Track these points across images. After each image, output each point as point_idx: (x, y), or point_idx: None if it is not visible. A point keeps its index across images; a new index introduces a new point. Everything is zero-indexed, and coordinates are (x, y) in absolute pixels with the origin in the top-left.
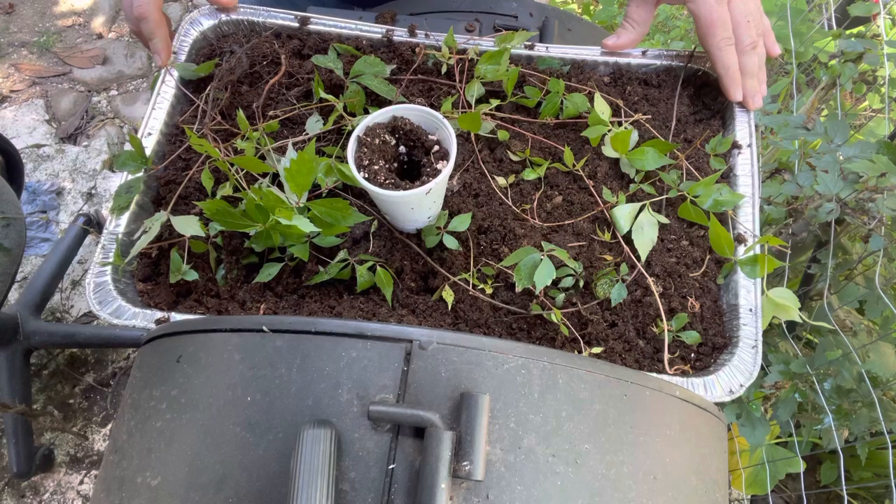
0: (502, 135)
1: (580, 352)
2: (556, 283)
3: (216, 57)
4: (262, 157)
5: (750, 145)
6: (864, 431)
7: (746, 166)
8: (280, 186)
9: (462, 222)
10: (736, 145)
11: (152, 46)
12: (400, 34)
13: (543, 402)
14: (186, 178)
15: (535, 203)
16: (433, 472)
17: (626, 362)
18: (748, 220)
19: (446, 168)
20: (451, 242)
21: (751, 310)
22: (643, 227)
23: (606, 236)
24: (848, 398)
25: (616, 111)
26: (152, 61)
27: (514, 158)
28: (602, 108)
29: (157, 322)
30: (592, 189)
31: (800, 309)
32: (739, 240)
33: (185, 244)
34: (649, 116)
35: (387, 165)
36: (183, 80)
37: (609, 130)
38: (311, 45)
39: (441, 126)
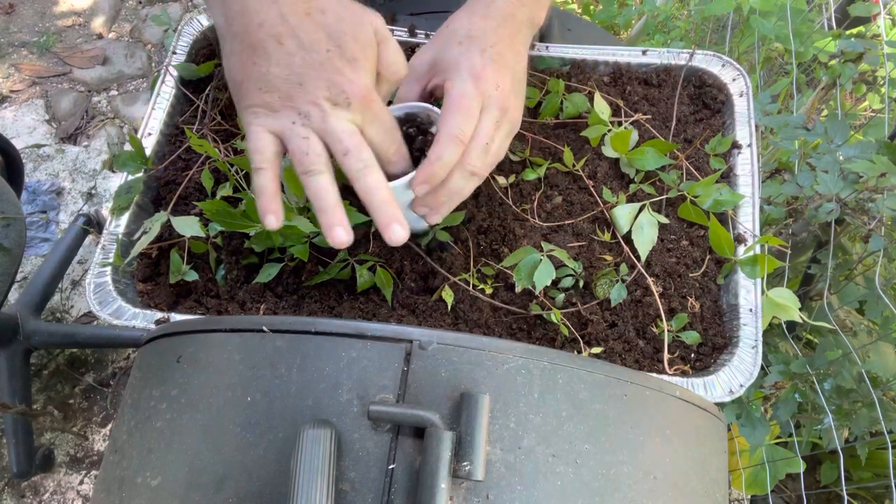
0: None
1: (580, 352)
2: (555, 283)
3: (216, 57)
4: None
5: (750, 145)
6: (864, 431)
7: (746, 166)
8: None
9: (455, 218)
10: (736, 145)
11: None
12: (400, 34)
13: (543, 403)
14: (186, 178)
15: (535, 203)
16: (433, 472)
17: (626, 362)
18: (748, 220)
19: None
20: (443, 236)
21: (751, 310)
22: (643, 227)
23: (606, 236)
24: (848, 398)
25: (616, 111)
26: (152, 61)
27: (514, 158)
28: (602, 108)
29: (157, 322)
30: (592, 189)
31: (800, 309)
32: (739, 240)
33: (185, 244)
34: (649, 116)
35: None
36: (183, 80)
37: (609, 130)
38: None
39: (434, 117)
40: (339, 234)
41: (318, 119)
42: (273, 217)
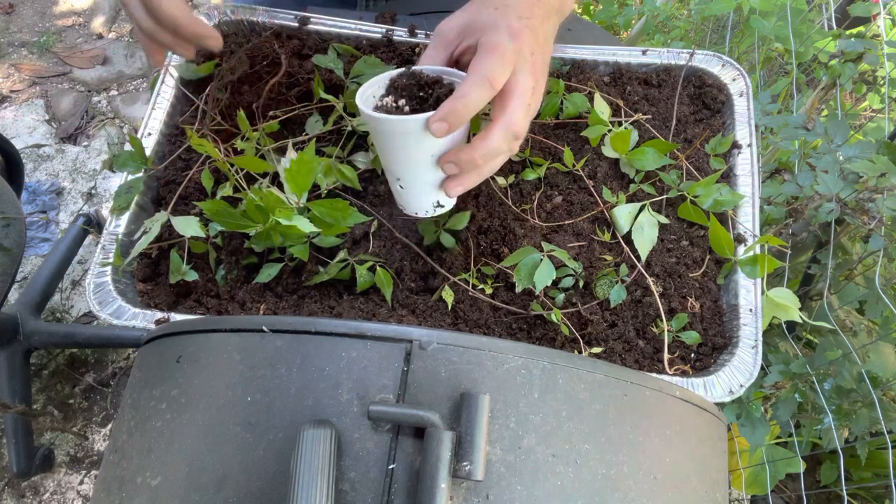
0: None
1: (580, 352)
2: (556, 283)
3: (216, 57)
4: (262, 158)
5: (750, 145)
6: (864, 431)
7: (746, 166)
8: (280, 187)
9: (460, 220)
10: (736, 145)
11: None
12: (400, 34)
13: (543, 402)
14: (186, 178)
15: (535, 203)
16: (433, 472)
17: (626, 362)
18: (748, 220)
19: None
20: (448, 241)
21: (751, 310)
22: (643, 227)
23: (606, 236)
24: (848, 398)
25: (616, 111)
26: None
27: (514, 158)
28: (602, 108)
29: (157, 322)
30: (592, 189)
31: (800, 309)
32: (739, 240)
33: (185, 244)
34: (649, 116)
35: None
36: (183, 80)
37: (609, 130)
38: (311, 45)
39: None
40: None
41: None
42: None
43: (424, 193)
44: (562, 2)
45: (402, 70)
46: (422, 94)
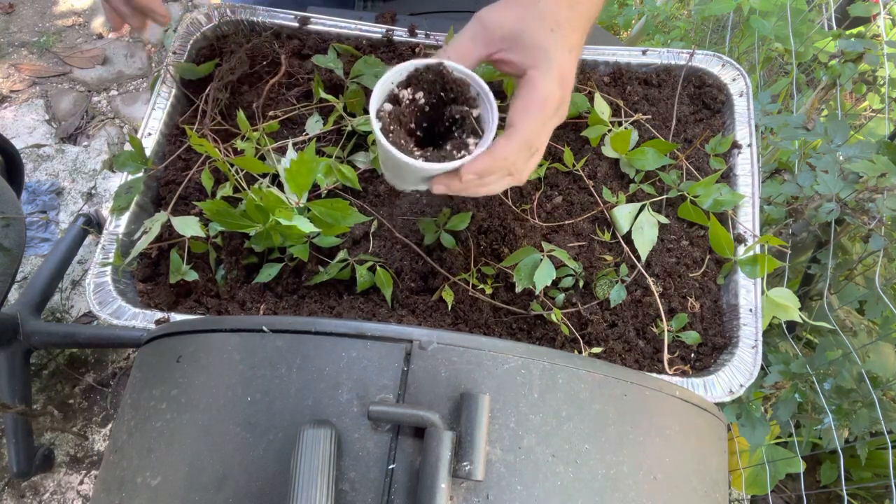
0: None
1: (580, 352)
2: (556, 283)
3: (216, 57)
4: (262, 158)
5: (750, 145)
6: (864, 431)
7: (746, 166)
8: (280, 187)
9: (461, 221)
10: (736, 145)
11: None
12: (400, 34)
13: (543, 402)
14: (186, 178)
15: (535, 203)
16: (433, 472)
17: (626, 362)
18: (748, 220)
19: (479, 148)
20: (448, 241)
21: (751, 310)
22: (643, 227)
23: (606, 236)
24: (848, 398)
25: (616, 111)
26: (152, 61)
27: None
28: (602, 108)
29: (157, 322)
30: (592, 189)
31: (800, 309)
32: (739, 240)
33: (185, 244)
34: (649, 116)
35: (408, 126)
36: (183, 80)
37: (609, 130)
38: (311, 45)
39: (483, 95)
40: None
41: None
42: None
43: (409, 185)
44: (597, 10)
45: (429, 62)
46: (442, 94)
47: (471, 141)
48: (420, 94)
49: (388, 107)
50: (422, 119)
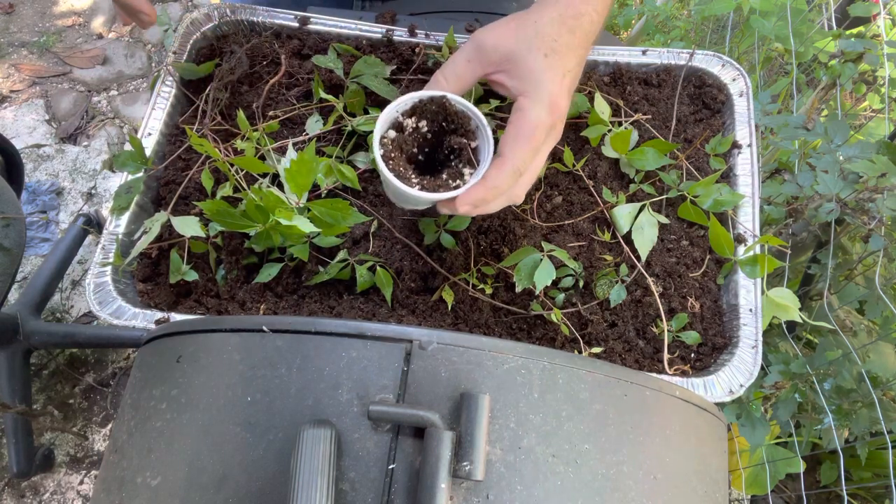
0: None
1: (580, 352)
2: (556, 283)
3: (216, 57)
4: (262, 158)
5: (750, 145)
6: (864, 431)
7: (746, 166)
8: (280, 187)
9: (461, 221)
10: (736, 145)
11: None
12: (400, 34)
13: (543, 402)
14: (186, 178)
15: (535, 203)
16: (433, 472)
17: (626, 362)
18: (748, 220)
19: (473, 179)
20: (447, 241)
21: (751, 310)
22: (643, 227)
23: (606, 236)
24: (848, 398)
25: (616, 111)
26: (152, 61)
27: None
28: (602, 107)
29: (157, 322)
30: (592, 189)
31: (800, 309)
32: (739, 240)
33: (185, 244)
34: (649, 116)
35: (408, 154)
36: (183, 80)
37: (609, 130)
38: (311, 45)
39: (481, 128)
40: None
41: None
42: None
43: (409, 205)
44: (599, 31)
45: (433, 94)
46: (444, 124)
47: (466, 171)
48: (423, 123)
49: (392, 134)
50: (424, 146)
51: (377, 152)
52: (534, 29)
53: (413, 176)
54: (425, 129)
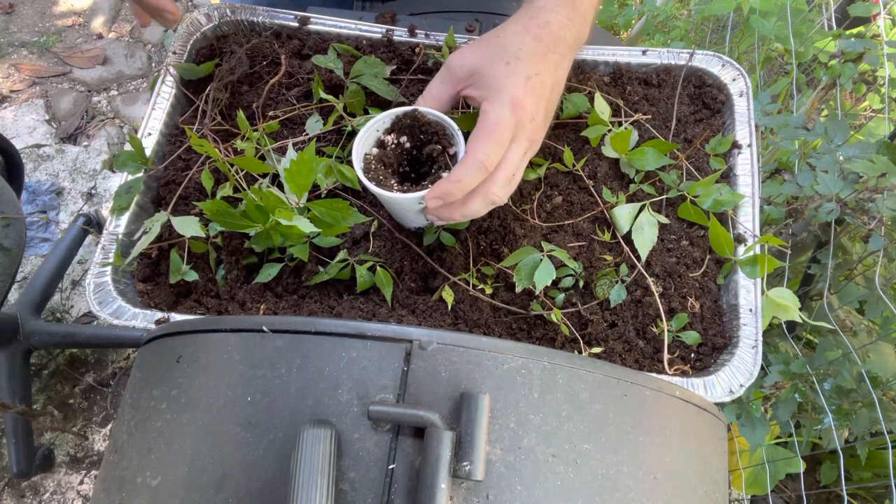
0: None
1: (580, 352)
2: (556, 283)
3: (216, 57)
4: (262, 158)
5: (750, 145)
6: (864, 431)
7: (746, 166)
8: (280, 187)
9: (461, 222)
10: (736, 145)
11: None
12: (400, 34)
13: (543, 402)
14: (186, 178)
15: (535, 203)
16: (433, 472)
17: (626, 362)
18: (748, 220)
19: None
20: (448, 241)
21: (751, 310)
22: (643, 227)
23: (606, 236)
24: (848, 398)
25: (616, 111)
26: (152, 61)
27: None
28: (602, 108)
29: (157, 322)
30: (592, 189)
31: (800, 309)
32: (739, 240)
33: (185, 244)
34: (649, 116)
35: (393, 167)
36: (183, 80)
37: (609, 130)
38: (311, 45)
39: (454, 135)
40: None
41: None
42: None
43: (413, 222)
44: (579, 32)
45: (405, 109)
46: (422, 136)
47: (444, 175)
48: (404, 139)
49: (375, 151)
50: (411, 161)
51: (357, 165)
52: (497, 43)
53: (395, 184)
54: (408, 144)
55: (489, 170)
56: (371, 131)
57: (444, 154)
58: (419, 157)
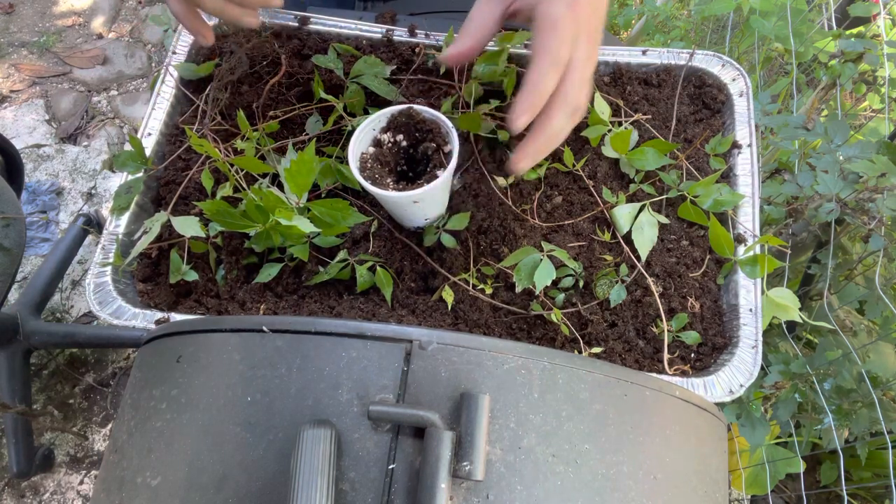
0: (502, 135)
1: (580, 352)
2: (556, 283)
3: (216, 57)
4: (262, 158)
5: (750, 145)
6: (864, 431)
7: (746, 166)
8: (280, 187)
9: (460, 221)
10: (736, 145)
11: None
12: (400, 34)
13: (543, 402)
14: (186, 178)
15: (535, 203)
16: (433, 472)
17: (626, 362)
18: (748, 220)
19: (443, 174)
20: (448, 241)
21: (751, 310)
22: (643, 227)
23: (606, 236)
24: (848, 398)
25: (616, 111)
26: (152, 61)
27: None
28: (602, 107)
29: (157, 322)
30: (592, 189)
31: (800, 309)
32: (739, 240)
33: (185, 244)
34: (649, 116)
35: (389, 166)
36: (183, 80)
37: (609, 130)
38: (311, 45)
39: (449, 132)
40: None
41: None
42: None
43: (412, 220)
44: None
45: (401, 107)
46: (418, 134)
47: (439, 172)
48: (401, 137)
49: (371, 150)
50: (407, 159)
51: (353, 164)
52: None
53: (391, 183)
54: (404, 142)
55: (561, 65)
56: (367, 130)
57: (439, 152)
58: (415, 156)
